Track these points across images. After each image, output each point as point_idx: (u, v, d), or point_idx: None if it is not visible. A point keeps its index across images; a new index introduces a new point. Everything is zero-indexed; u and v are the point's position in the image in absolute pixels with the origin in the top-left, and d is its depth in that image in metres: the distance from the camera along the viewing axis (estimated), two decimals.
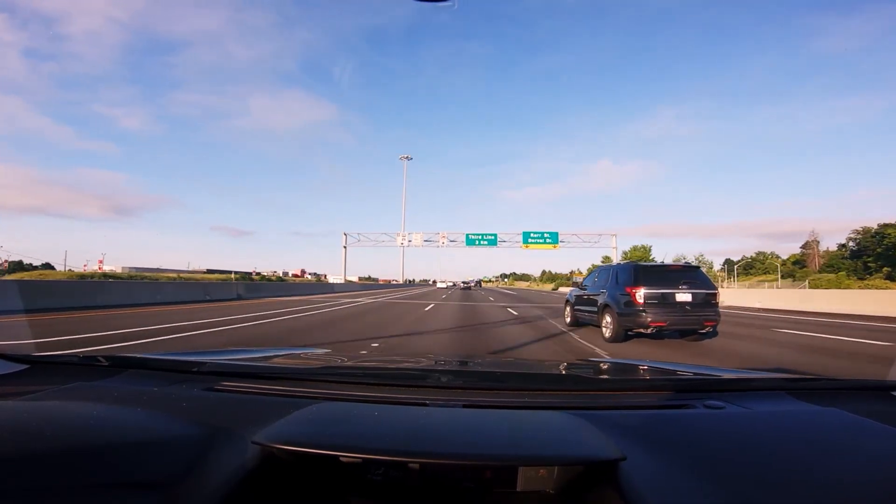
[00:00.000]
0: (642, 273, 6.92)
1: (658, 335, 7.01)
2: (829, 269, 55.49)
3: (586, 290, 8.55)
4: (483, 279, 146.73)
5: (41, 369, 1.16)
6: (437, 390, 1.08)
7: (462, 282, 70.19)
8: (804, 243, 49.38)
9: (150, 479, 0.59)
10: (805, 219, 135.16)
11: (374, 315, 11.00)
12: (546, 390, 1.14)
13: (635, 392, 1.15)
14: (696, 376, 1.36)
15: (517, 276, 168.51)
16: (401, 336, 7.14)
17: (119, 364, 1.18)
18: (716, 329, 7.16)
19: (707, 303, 6.77)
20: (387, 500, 0.67)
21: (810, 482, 0.64)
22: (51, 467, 0.57)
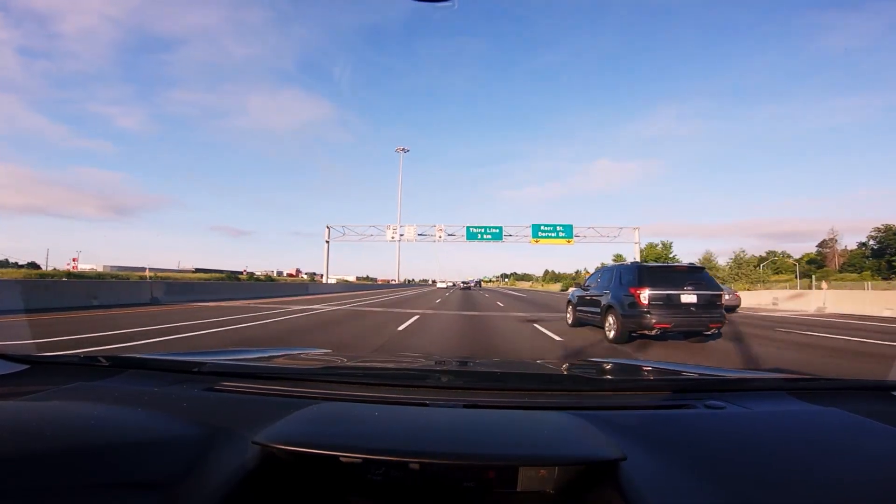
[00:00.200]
0: (647, 273, 6.85)
1: (662, 337, 6.92)
2: (850, 268, 53.20)
3: (589, 290, 8.50)
4: (483, 279, 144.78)
5: (41, 369, 1.18)
6: (438, 390, 1.09)
7: (462, 282, 70.12)
8: (821, 241, 46.10)
9: (150, 479, 0.60)
10: (805, 219, 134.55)
11: (319, 334, 7.63)
12: (546, 390, 1.16)
13: (635, 392, 1.17)
14: (696, 376, 1.38)
15: (518, 277, 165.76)
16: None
17: (119, 364, 1.20)
18: (720, 331, 7.07)
19: (712, 304, 6.75)
20: (387, 500, 0.68)
21: (811, 482, 0.66)
22: (51, 467, 0.59)
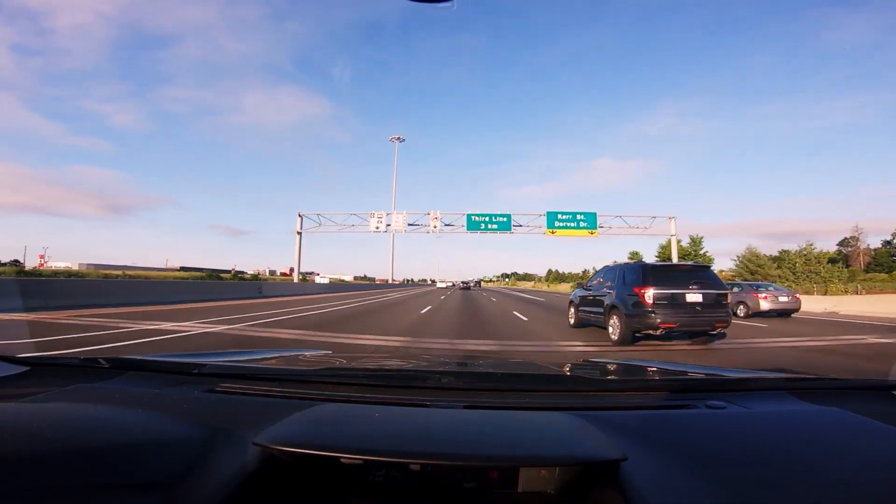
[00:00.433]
0: (651, 272, 6.86)
1: (667, 337, 6.96)
2: (877, 267, 50.02)
3: (591, 290, 8.53)
4: (483, 279, 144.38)
5: (41, 371, 1.19)
6: (438, 391, 1.10)
7: (461, 282, 70.26)
8: (841, 240, 44.42)
9: (150, 480, 0.61)
10: (805, 219, 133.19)
11: None
12: (547, 391, 1.17)
13: (636, 392, 1.17)
14: (697, 376, 1.40)
15: (519, 277, 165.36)
16: None
17: (119, 366, 1.21)
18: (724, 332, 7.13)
19: (718, 303, 6.77)
20: (388, 501, 0.69)
21: (811, 482, 0.67)
22: (52, 468, 0.60)
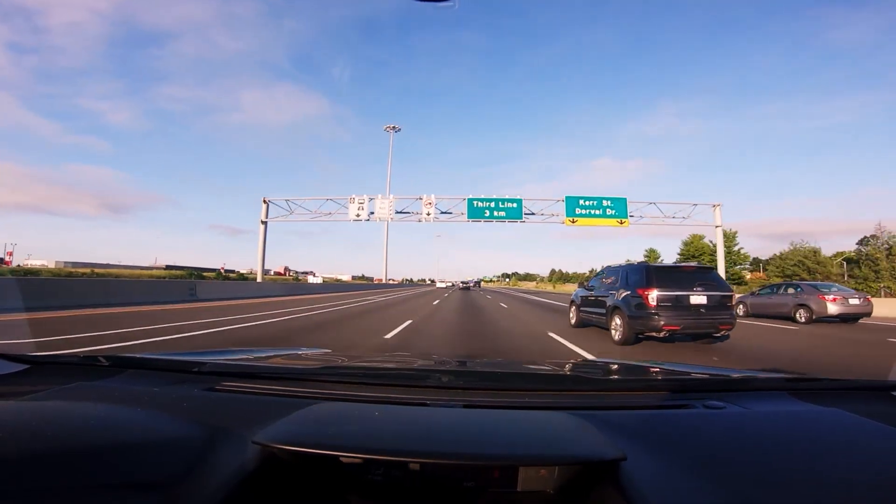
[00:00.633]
0: (655, 274, 6.87)
1: (670, 339, 6.98)
2: None
3: (593, 290, 8.54)
4: (483, 279, 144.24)
5: (42, 369, 1.20)
6: (438, 390, 1.11)
7: (461, 282, 70.44)
8: (860, 239, 42.91)
9: (150, 479, 0.62)
10: (805, 219, 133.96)
11: None
12: (546, 390, 1.19)
13: (636, 392, 1.19)
14: (696, 376, 1.42)
15: (520, 277, 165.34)
16: None
17: (119, 364, 1.22)
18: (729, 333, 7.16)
19: (723, 305, 6.79)
20: (387, 500, 0.70)
21: (811, 482, 0.68)
22: (51, 467, 0.61)
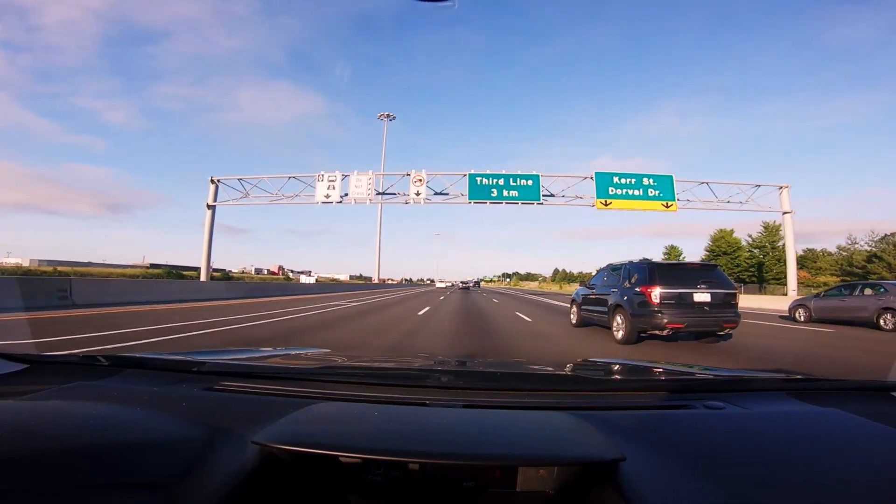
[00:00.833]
0: (658, 271, 6.90)
1: (673, 337, 6.98)
2: None
3: (595, 289, 8.57)
4: (483, 279, 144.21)
5: (41, 369, 1.21)
6: (437, 390, 1.13)
7: (461, 282, 70.52)
8: (881, 237, 41.45)
9: (149, 479, 0.63)
10: (805, 219, 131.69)
11: None
12: (546, 390, 1.20)
13: (635, 392, 1.21)
14: (695, 376, 1.45)
15: (521, 276, 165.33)
16: None
17: (119, 364, 1.24)
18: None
19: (727, 303, 6.80)
20: (387, 500, 0.71)
21: (810, 482, 0.69)
22: (51, 467, 0.62)
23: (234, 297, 17.73)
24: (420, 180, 21.45)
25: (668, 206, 20.95)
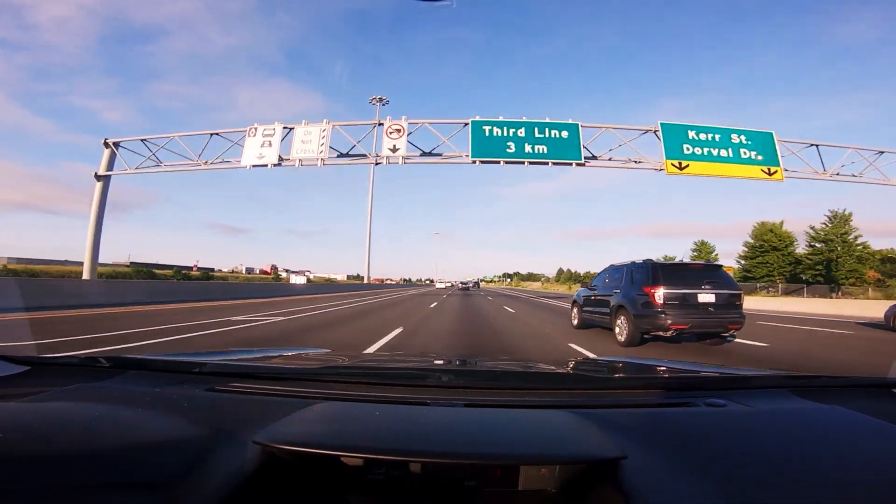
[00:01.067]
0: (661, 271, 6.92)
1: (676, 339, 6.95)
2: None
3: (596, 290, 8.63)
4: (483, 279, 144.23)
5: (42, 371, 1.24)
6: (439, 390, 1.15)
7: (461, 282, 70.74)
8: None
9: (151, 480, 0.65)
10: (806, 219, 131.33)
11: None
12: (547, 389, 1.23)
13: (636, 390, 1.23)
14: (697, 374, 1.47)
15: (522, 277, 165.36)
16: None
17: (120, 365, 1.26)
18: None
19: (731, 304, 6.84)
20: (388, 500, 0.73)
21: (812, 480, 0.70)
22: (52, 468, 0.63)
23: (148, 304, 13.06)
24: (398, 130, 15.19)
25: (770, 173, 15.11)
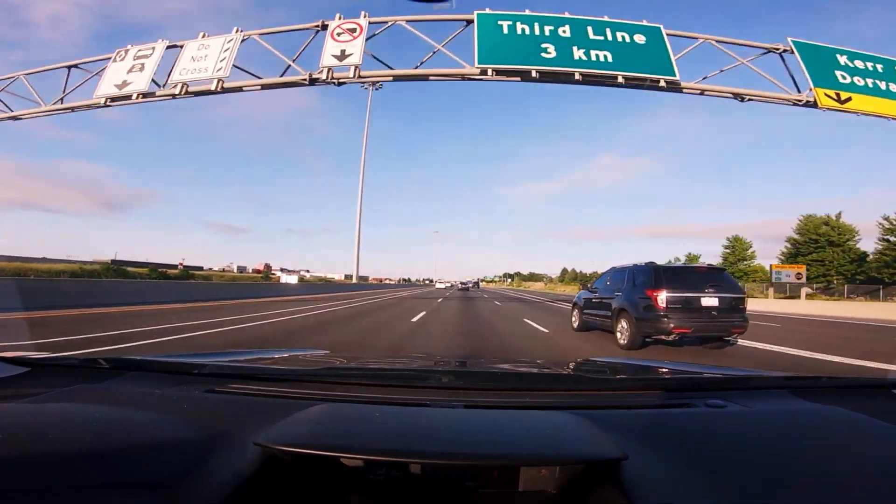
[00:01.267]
0: (664, 274, 6.98)
1: (679, 342, 7.00)
2: None
3: (597, 292, 8.69)
4: (484, 279, 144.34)
5: (42, 372, 1.25)
6: (438, 391, 1.17)
7: (460, 282, 71.57)
8: None
9: (151, 481, 0.66)
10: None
11: None
12: (547, 390, 1.26)
13: (636, 391, 1.25)
14: (697, 375, 1.50)
15: (524, 277, 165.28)
16: None
17: (120, 366, 1.28)
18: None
19: (735, 308, 6.89)
20: (388, 501, 0.74)
21: (812, 480, 0.72)
22: (52, 468, 0.65)
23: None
24: (353, 31, 9.91)
25: None
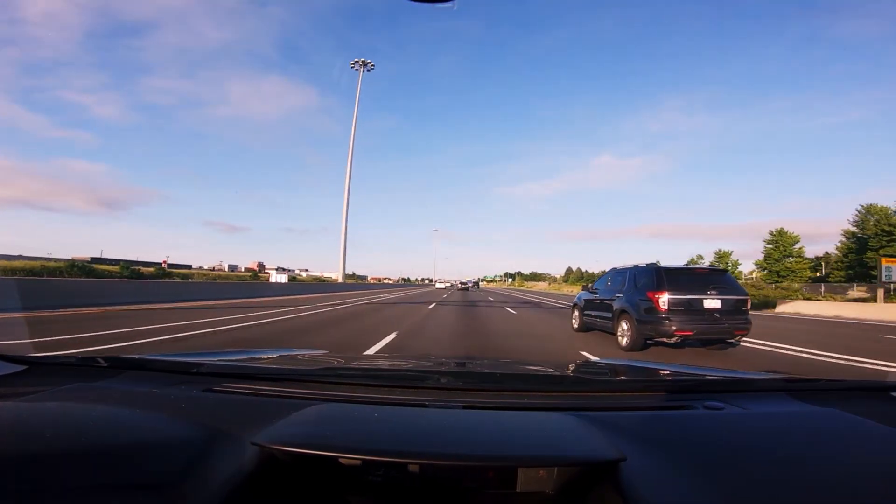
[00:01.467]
0: (666, 276, 7.00)
1: (681, 345, 7.05)
2: None
3: (598, 293, 8.76)
4: (485, 279, 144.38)
5: (40, 370, 1.27)
6: (437, 391, 1.19)
7: (460, 282, 72.22)
8: None
9: (149, 480, 0.67)
10: (808, 219, 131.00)
11: None
12: (546, 391, 1.27)
13: (635, 393, 1.27)
14: (695, 377, 1.53)
15: (525, 276, 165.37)
16: None
17: (118, 365, 1.30)
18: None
19: (738, 310, 6.92)
20: (387, 501, 0.75)
21: (810, 482, 0.73)
22: (50, 468, 0.65)
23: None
24: None
25: None
